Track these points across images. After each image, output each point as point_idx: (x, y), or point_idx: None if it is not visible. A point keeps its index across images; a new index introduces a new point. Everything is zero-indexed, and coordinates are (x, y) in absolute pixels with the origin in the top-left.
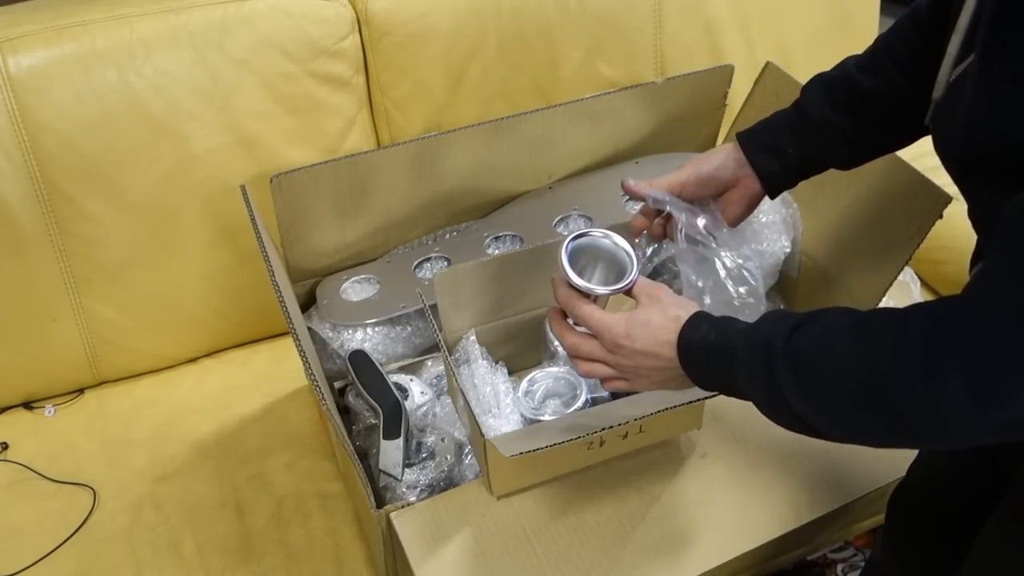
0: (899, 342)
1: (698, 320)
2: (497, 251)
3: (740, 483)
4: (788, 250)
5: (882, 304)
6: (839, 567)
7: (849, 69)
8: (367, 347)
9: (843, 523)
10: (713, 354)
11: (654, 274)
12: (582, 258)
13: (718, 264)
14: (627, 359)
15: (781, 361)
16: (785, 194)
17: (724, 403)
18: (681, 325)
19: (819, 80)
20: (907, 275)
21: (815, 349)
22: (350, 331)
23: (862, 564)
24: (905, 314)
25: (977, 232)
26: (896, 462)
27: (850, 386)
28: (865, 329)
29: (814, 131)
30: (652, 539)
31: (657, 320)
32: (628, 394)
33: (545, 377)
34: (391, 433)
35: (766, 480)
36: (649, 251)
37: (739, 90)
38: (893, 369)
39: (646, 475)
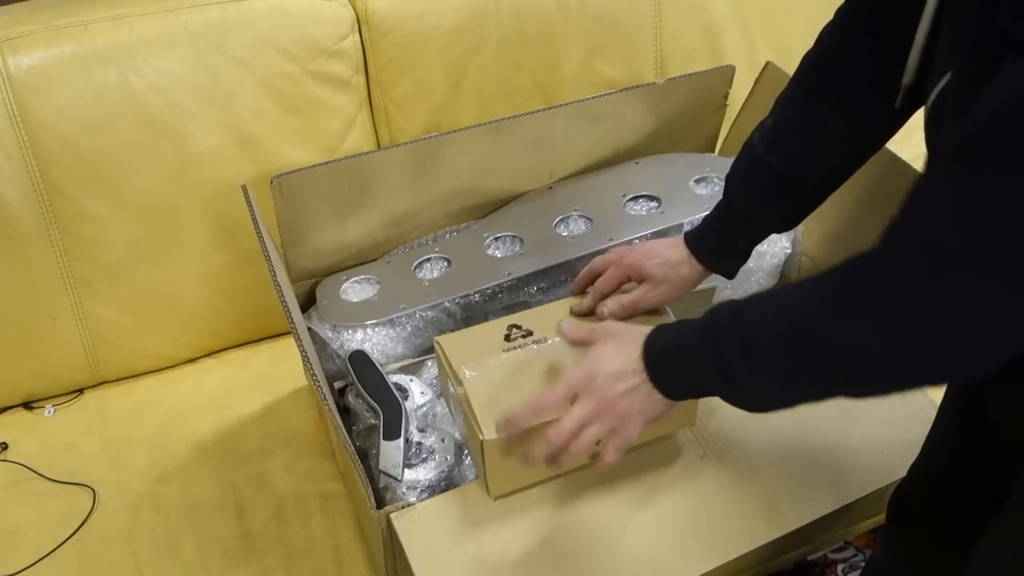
0: (822, 295)
1: (660, 329)
2: (497, 252)
3: (740, 483)
4: (788, 251)
5: None
6: (839, 567)
7: (756, 150)
8: (367, 347)
9: (843, 523)
10: (672, 353)
11: None
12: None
13: None
14: (600, 393)
15: (728, 339)
16: None
17: (724, 403)
18: (644, 339)
19: (737, 169)
20: None
21: (756, 321)
22: (350, 331)
23: (862, 564)
24: (829, 269)
25: None
26: (897, 462)
27: (784, 346)
28: (796, 290)
29: (754, 224)
30: (652, 539)
31: (614, 347)
32: None
33: None
34: (391, 433)
35: (766, 480)
36: None
37: (739, 90)
38: (818, 320)
39: (646, 475)
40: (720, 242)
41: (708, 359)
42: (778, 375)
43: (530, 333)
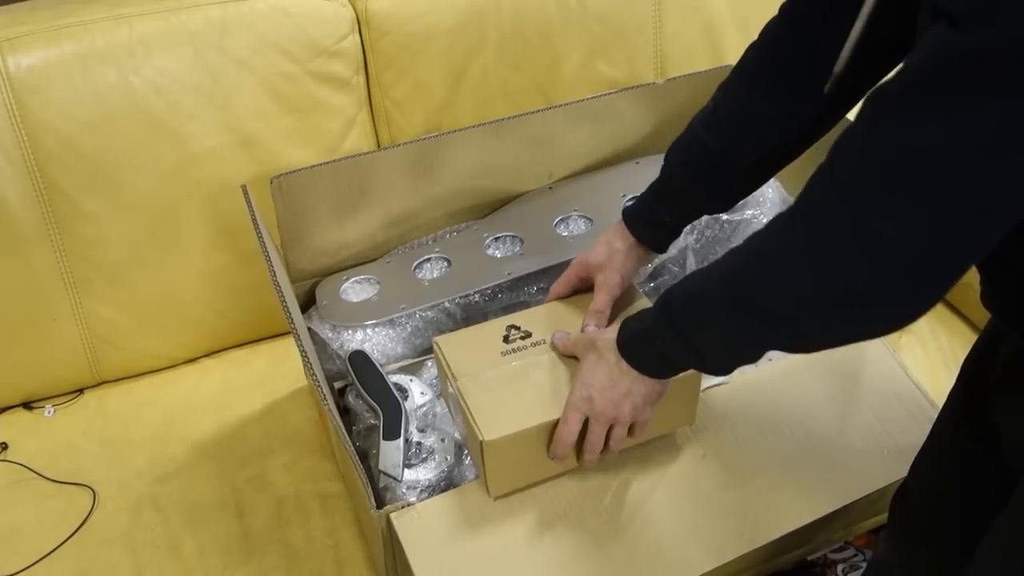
0: (751, 244)
1: (626, 321)
2: (497, 252)
3: (740, 483)
4: None
5: None
6: (839, 567)
7: (696, 131)
8: (367, 347)
9: (843, 523)
10: (639, 338)
11: (655, 275)
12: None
13: None
14: (603, 409)
15: (678, 309)
16: (785, 194)
17: (724, 403)
18: (615, 339)
19: (675, 148)
20: None
21: (698, 285)
22: (350, 331)
23: (862, 564)
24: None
25: None
26: (897, 463)
27: (724, 300)
28: (733, 249)
29: (683, 199)
30: (652, 539)
31: (594, 359)
32: None
33: None
34: (391, 434)
35: (766, 480)
36: None
37: None
38: (750, 266)
39: (646, 475)
40: (650, 213)
41: (667, 334)
42: (725, 330)
43: (528, 335)
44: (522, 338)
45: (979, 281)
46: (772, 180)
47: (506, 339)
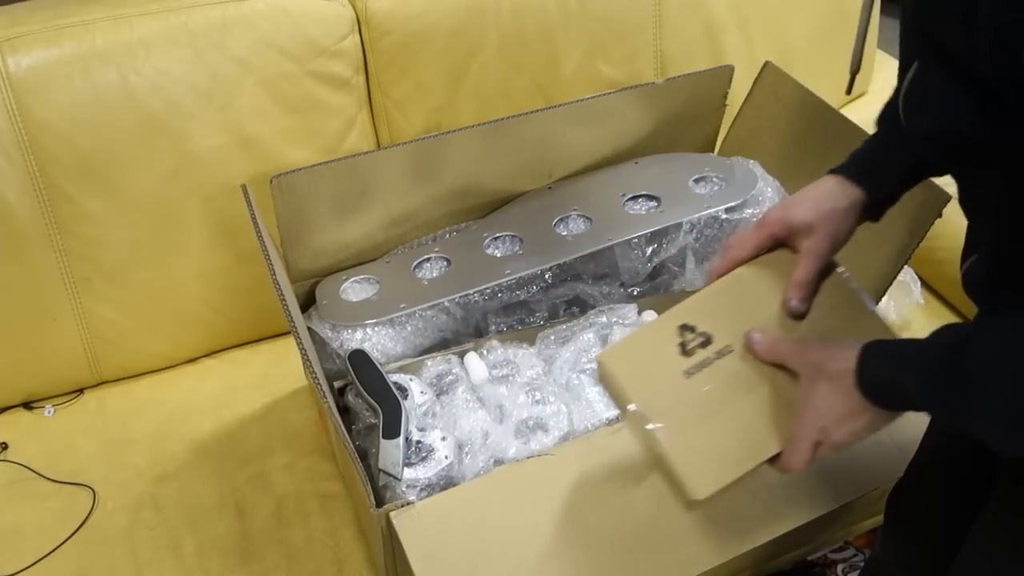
0: None
1: (867, 360)
2: (497, 251)
3: (741, 482)
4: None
5: (882, 303)
6: (839, 567)
7: None
8: (367, 347)
9: (843, 523)
10: (889, 390)
11: (654, 274)
12: None
13: None
14: (839, 439)
15: (951, 385)
16: (784, 193)
17: None
18: (855, 375)
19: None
20: (907, 275)
21: (982, 363)
22: (350, 331)
23: (862, 564)
24: None
25: (966, 215)
26: (896, 462)
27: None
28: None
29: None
30: (652, 539)
31: (826, 388)
32: None
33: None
34: (391, 432)
35: (766, 480)
36: (649, 251)
37: (739, 90)
38: None
39: (646, 475)
40: (878, 160)
41: (932, 402)
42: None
43: (708, 339)
44: (702, 346)
45: (967, 267)
46: (772, 179)
47: (683, 348)
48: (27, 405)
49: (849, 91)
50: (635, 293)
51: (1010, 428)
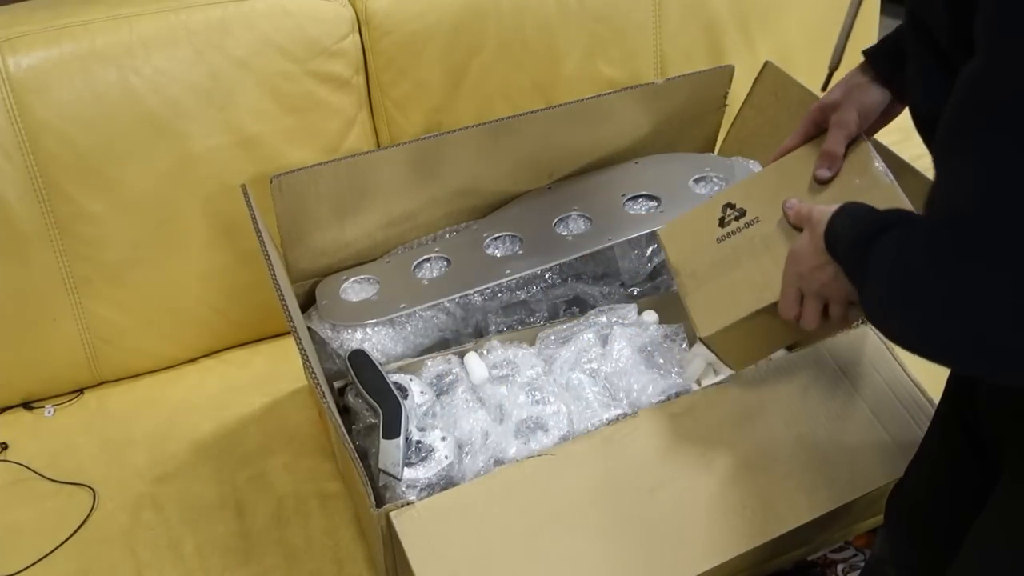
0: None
1: (837, 214)
2: (497, 251)
3: (740, 482)
4: None
5: None
6: (839, 567)
7: None
8: (366, 347)
9: (843, 523)
10: (834, 246)
11: (653, 274)
12: None
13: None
14: (811, 284)
15: (860, 262)
16: None
17: (723, 403)
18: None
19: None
20: None
21: (885, 257)
22: (349, 331)
23: (862, 564)
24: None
25: None
26: (896, 462)
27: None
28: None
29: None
30: (652, 538)
31: (807, 237)
32: None
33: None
34: (391, 432)
35: (766, 480)
36: (649, 251)
37: (739, 89)
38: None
39: (646, 475)
40: (895, 47)
41: (846, 270)
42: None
43: (743, 213)
44: (736, 218)
45: None
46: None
47: (721, 222)
48: (27, 405)
49: (824, 88)
50: (635, 293)
51: (882, 318)
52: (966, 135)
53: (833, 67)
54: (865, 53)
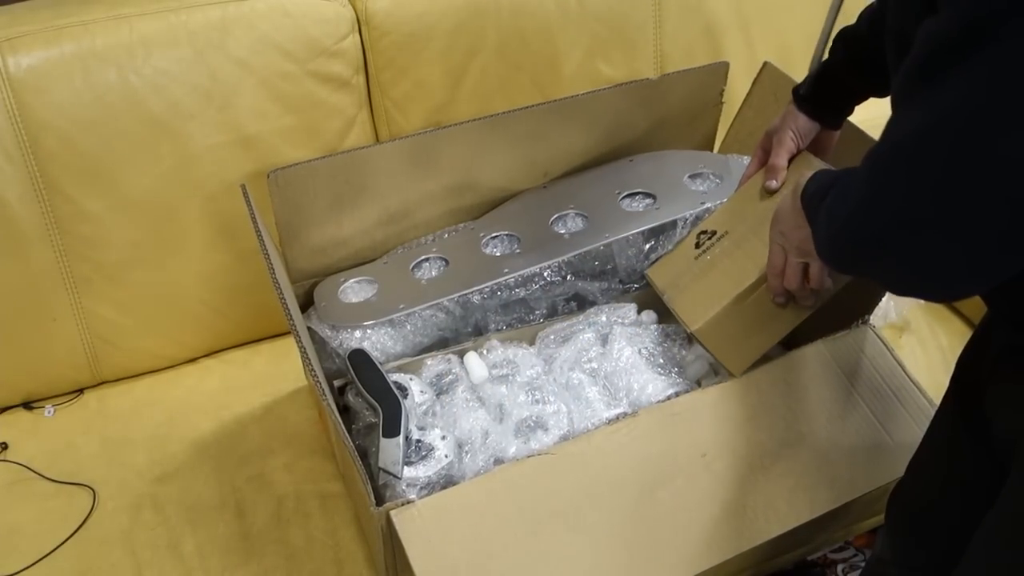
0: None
1: (816, 175)
2: (495, 251)
3: (740, 482)
4: None
5: (882, 303)
6: (839, 567)
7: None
8: (366, 346)
9: (843, 523)
10: (805, 204)
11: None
12: None
13: None
14: (793, 241)
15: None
16: None
17: (724, 402)
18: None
19: (839, 36)
20: None
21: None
22: (349, 330)
23: (862, 564)
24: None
25: None
26: (896, 462)
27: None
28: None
29: (845, 82)
30: (652, 538)
31: (790, 202)
32: None
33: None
34: (391, 431)
35: (766, 480)
36: (646, 248)
37: (739, 90)
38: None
39: (646, 474)
40: (814, 93)
41: (810, 220)
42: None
43: (714, 233)
44: (709, 238)
45: None
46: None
47: (697, 245)
48: (27, 405)
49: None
50: (633, 289)
51: (828, 256)
52: (915, 89)
53: (813, 70)
54: (793, 93)
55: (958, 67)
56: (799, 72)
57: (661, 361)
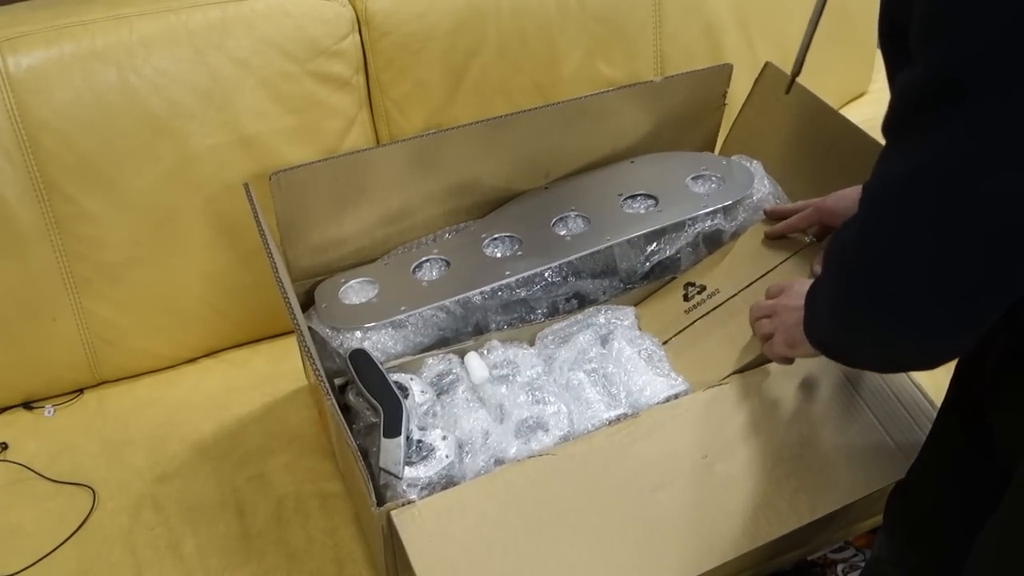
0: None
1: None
2: (496, 252)
3: (740, 482)
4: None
5: None
6: (839, 567)
7: None
8: (367, 346)
9: (843, 523)
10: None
11: (650, 273)
12: None
13: None
14: (780, 312)
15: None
16: (781, 192)
17: (725, 404)
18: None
19: None
20: None
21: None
22: (350, 331)
23: (862, 564)
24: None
25: None
26: (897, 463)
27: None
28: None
29: None
30: (652, 537)
31: (799, 290)
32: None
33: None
34: (392, 431)
35: (766, 480)
36: (648, 250)
37: (739, 90)
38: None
39: (647, 475)
40: None
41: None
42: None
43: (703, 288)
44: (699, 292)
45: None
46: (769, 178)
47: (686, 298)
48: (27, 405)
49: (788, 91)
50: (633, 288)
51: (815, 343)
52: (901, 131)
53: (795, 73)
54: None
55: (931, 122)
56: (802, 73)
57: (662, 362)
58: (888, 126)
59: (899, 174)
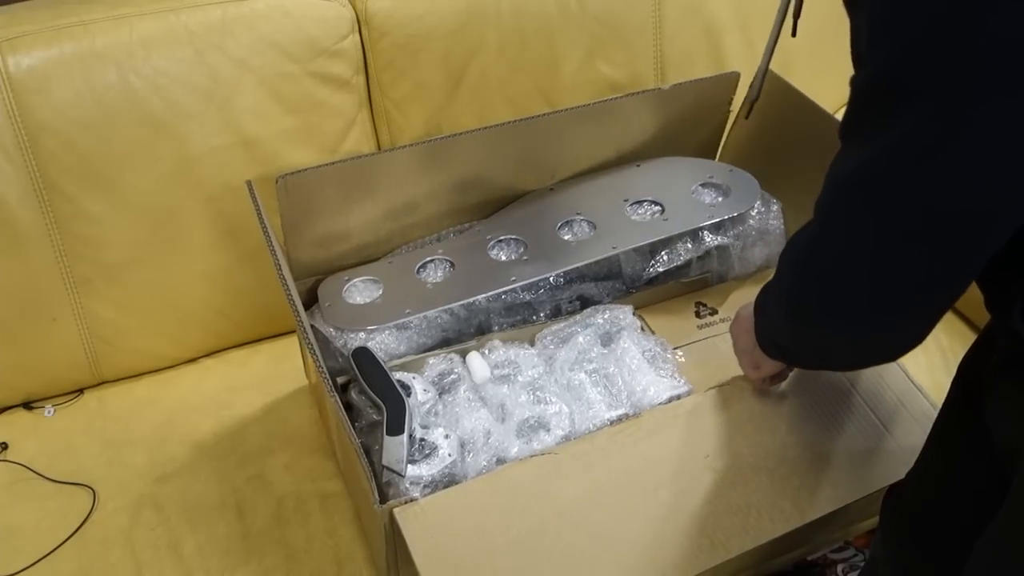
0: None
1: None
2: (501, 255)
3: (741, 482)
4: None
5: None
6: (839, 567)
7: None
8: (370, 344)
9: (843, 523)
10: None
11: (653, 280)
12: None
13: None
14: (736, 338)
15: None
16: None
17: (726, 404)
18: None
19: None
20: None
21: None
22: (354, 331)
23: (862, 564)
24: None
25: None
26: (896, 463)
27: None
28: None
29: None
30: (653, 537)
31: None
32: None
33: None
34: (395, 429)
35: (768, 480)
36: (653, 258)
37: (739, 92)
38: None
39: (649, 474)
40: None
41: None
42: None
43: (715, 311)
44: (712, 313)
45: None
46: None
47: (698, 315)
48: (27, 405)
49: (747, 116)
50: (638, 290)
51: (771, 348)
52: (855, 130)
53: (752, 99)
54: None
55: (872, 121)
56: (799, 74)
57: (664, 363)
58: (841, 127)
59: (849, 173)
